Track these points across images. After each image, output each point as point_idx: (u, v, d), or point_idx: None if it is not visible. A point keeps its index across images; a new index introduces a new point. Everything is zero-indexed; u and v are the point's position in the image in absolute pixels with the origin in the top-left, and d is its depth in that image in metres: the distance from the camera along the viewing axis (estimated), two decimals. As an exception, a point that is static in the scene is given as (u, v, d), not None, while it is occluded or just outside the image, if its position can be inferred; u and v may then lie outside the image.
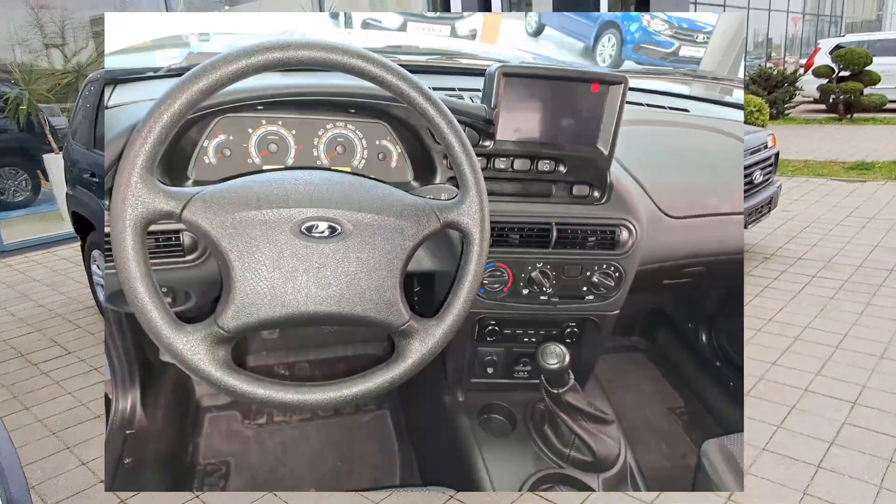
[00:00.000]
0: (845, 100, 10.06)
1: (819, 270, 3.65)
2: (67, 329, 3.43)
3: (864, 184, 5.81)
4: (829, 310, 3.09)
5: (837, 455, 2.02)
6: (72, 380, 2.82)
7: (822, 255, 3.93)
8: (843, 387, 2.40)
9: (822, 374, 2.50)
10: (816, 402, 2.32)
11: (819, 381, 2.45)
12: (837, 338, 2.79)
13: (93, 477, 2.13)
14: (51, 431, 2.41)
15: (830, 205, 5.13)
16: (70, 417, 2.51)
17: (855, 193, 5.46)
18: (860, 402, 2.30)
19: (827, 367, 2.55)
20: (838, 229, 4.45)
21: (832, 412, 2.25)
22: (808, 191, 5.64)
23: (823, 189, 5.67)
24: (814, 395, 2.35)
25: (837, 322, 2.94)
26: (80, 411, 2.55)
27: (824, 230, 4.45)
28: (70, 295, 4.00)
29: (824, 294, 3.30)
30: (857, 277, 3.51)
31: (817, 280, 3.50)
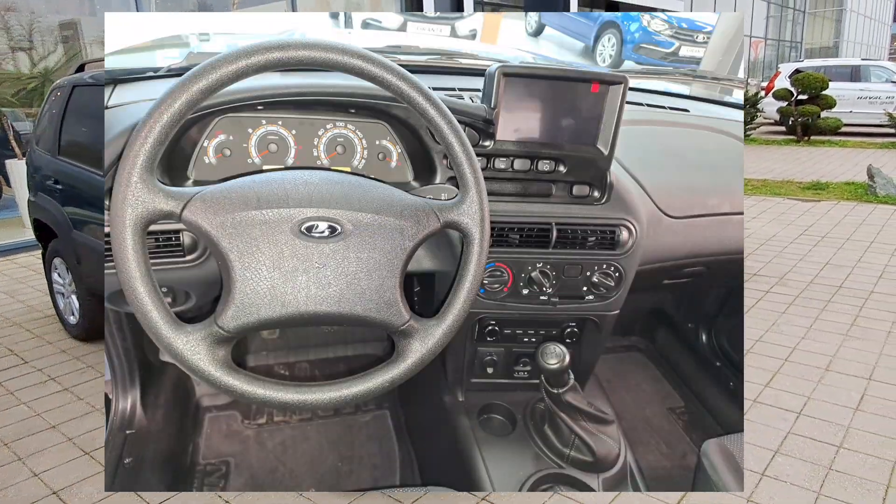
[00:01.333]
0: (803, 122, 10.39)
1: (773, 286, 3.77)
2: (25, 338, 3.36)
3: (818, 203, 6.00)
4: (781, 324, 3.19)
5: (781, 463, 2.08)
6: (27, 390, 2.76)
7: (776, 271, 4.05)
8: (789, 397, 2.48)
9: (770, 385, 2.57)
10: (764, 413, 2.37)
11: (767, 392, 2.52)
12: (786, 351, 2.88)
13: (44, 488, 2.07)
14: (3, 443, 2.35)
15: (786, 223, 5.30)
16: (23, 428, 2.44)
17: (809, 212, 5.64)
18: (805, 412, 2.37)
19: (775, 379, 2.63)
20: (792, 247, 4.60)
21: (779, 422, 2.31)
22: (765, 209, 5.81)
23: (779, 208, 5.85)
24: (761, 406, 2.41)
25: (788, 336, 3.04)
26: (34, 421, 2.49)
27: (779, 247, 4.59)
28: (29, 303, 3.92)
29: (776, 309, 3.40)
30: (809, 293, 3.64)
31: (771, 295, 3.61)
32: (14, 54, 5.84)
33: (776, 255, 4.38)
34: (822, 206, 5.84)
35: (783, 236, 4.88)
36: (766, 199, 6.25)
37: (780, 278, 3.90)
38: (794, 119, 10.44)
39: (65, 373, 2.91)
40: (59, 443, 2.33)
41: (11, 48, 5.77)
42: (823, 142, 10.37)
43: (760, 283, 3.83)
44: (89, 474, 2.13)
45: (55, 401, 2.66)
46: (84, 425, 2.43)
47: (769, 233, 5.00)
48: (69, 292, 3.22)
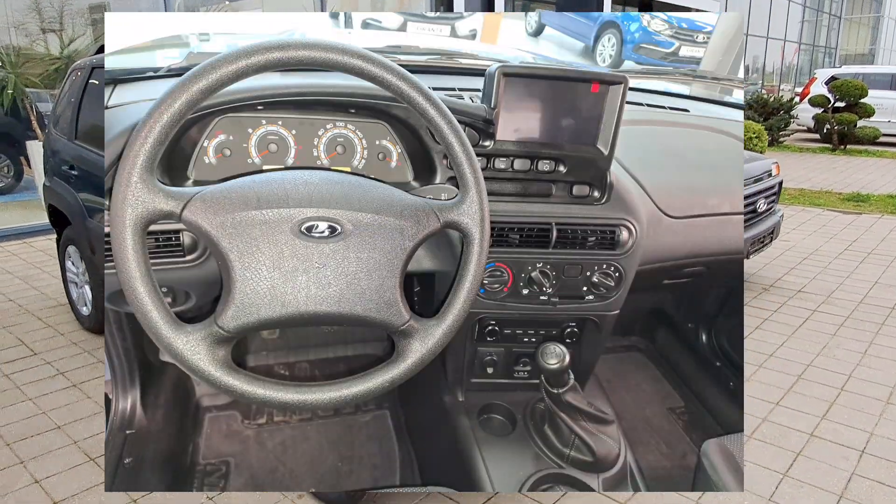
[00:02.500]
0: (840, 130, 10.11)
1: (819, 305, 3.61)
2: (36, 327, 3.24)
3: (859, 216, 5.80)
4: (832, 347, 3.04)
5: None
6: (34, 384, 2.66)
7: (822, 288, 3.89)
8: (850, 433, 2.34)
9: (827, 418, 2.43)
10: (824, 450, 2.25)
11: (825, 425, 2.38)
12: (842, 379, 2.74)
13: (45, 498, 1.98)
14: (5, 442, 2.27)
15: (828, 236, 5.11)
16: (27, 427, 2.36)
17: (852, 226, 5.44)
18: (868, 450, 2.23)
19: (833, 410, 2.49)
20: (837, 262, 4.42)
21: (840, 461, 2.18)
22: (805, 220, 5.63)
23: (820, 219, 5.66)
24: (820, 441, 2.29)
25: (841, 362, 2.88)
26: (39, 420, 2.40)
27: (823, 263, 4.42)
28: (43, 290, 3.80)
29: (826, 331, 3.24)
30: (859, 314, 3.46)
31: (818, 315, 3.46)
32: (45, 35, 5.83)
33: (821, 272, 4.22)
34: (864, 220, 5.64)
35: (826, 251, 4.70)
36: (805, 209, 6.06)
37: (827, 297, 3.74)
38: (830, 127, 10.18)
39: (75, 367, 2.83)
40: (63, 446, 2.27)
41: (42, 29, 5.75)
42: (860, 151, 10.08)
43: (807, 300, 3.66)
44: (92, 483, 2.08)
45: (62, 398, 2.59)
46: (91, 427, 2.39)
47: (811, 246, 4.82)
48: (82, 282, 3.14)
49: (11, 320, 3.40)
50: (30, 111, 5.75)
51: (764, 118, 10.43)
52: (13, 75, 5.53)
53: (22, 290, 3.85)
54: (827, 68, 13.74)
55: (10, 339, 3.15)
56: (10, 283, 4.00)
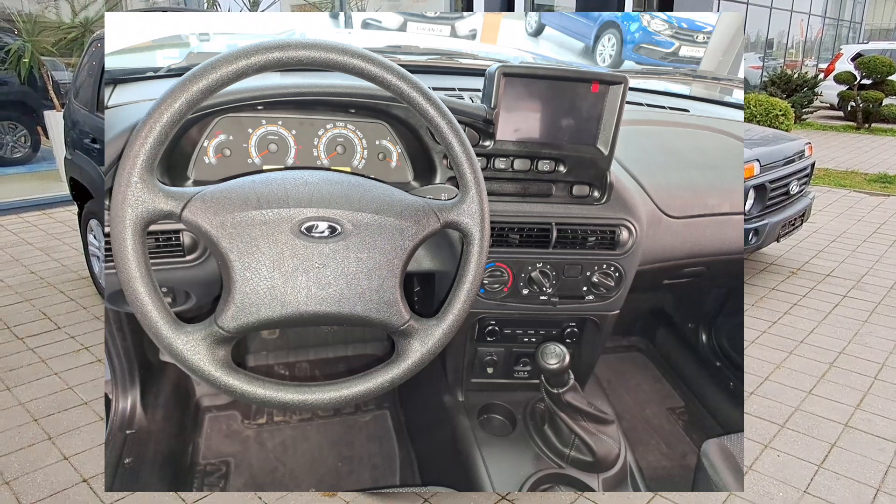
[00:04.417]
0: (865, 108, 9.82)
1: (849, 290, 3.55)
2: (59, 301, 3.20)
3: (887, 198, 5.67)
4: (863, 335, 2.98)
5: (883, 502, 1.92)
6: (59, 359, 2.62)
7: (851, 272, 3.81)
8: (885, 424, 2.31)
9: (861, 407, 2.40)
10: (859, 440, 2.22)
11: (859, 415, 2.35)
12: (874, 367, 2.69)
13: (74, 474, 1.95)
14: (32, 417, 2.23)
15: (855, 218, 4.99)
16: (54, 402, 2.32)
17: (880, 208, 5.31)
18: None
19: (866, 400, 2.45)
20: (866, 246, 4.33)
21: (876, 453, 2.14)
22: (832, 202, 5.49)
23: (846, 201, 5.52)
24: (854, 432, 2.26)
25: (873, 350, 2.83)
26: (65, 396, 2.36)
27: (852, 246, 4.33)
28: (64, 262, 3.74)
29: (857, 317, 3.19)
30: (890, 300, 3.39)
31: (848, 300, 3.40)
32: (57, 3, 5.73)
33: (849, 255, 4.13)
34: (892, 202, 5.51)
35: (854, 233, 4.58)
36: (831, 189, 5.91)
37: (857, 281, 3.67)
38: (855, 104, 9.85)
39: (99, 342, 2.79)
40: (90, 422, 2.22)
41: (54, -5, 5.61)
42: (885, 130, 9.75)
43: (836, 285, 3.59)
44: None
45: (88, 373, 2.54)
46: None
47: (838, 228, 4.71)
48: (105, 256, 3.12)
49: (34, 293, 3.35)
50: (47, 80, 5.59)
51: (787, 95, 10.08)
52: (30, 44, 5.38)
53: (43, 262, 3.80)
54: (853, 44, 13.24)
55: (33, 313, 3.12)
56: (31, 255, 3.94)
